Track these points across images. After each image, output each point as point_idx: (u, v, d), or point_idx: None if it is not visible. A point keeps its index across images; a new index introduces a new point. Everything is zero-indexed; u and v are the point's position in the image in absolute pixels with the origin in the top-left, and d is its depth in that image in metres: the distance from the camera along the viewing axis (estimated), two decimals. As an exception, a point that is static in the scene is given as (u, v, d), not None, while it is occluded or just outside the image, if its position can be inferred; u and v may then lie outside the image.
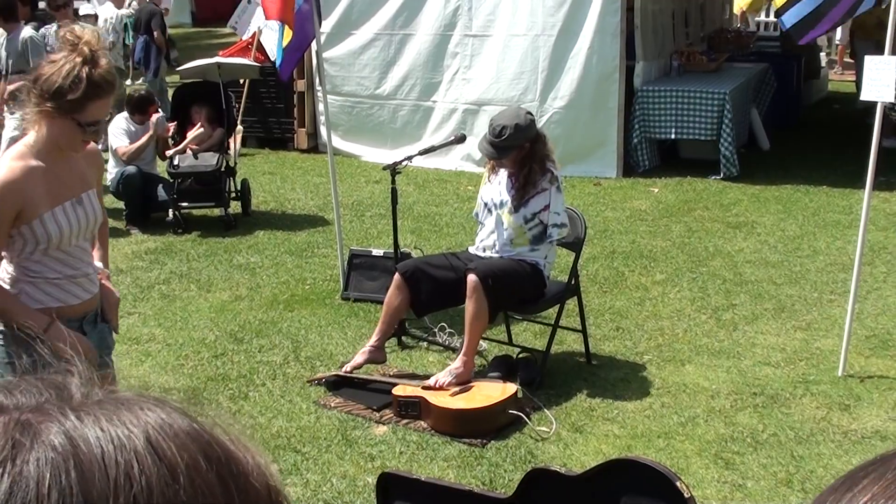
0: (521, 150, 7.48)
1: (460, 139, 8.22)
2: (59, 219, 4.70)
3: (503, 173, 7.67)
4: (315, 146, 15.54)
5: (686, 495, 4.20)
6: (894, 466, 0.77)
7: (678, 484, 4.22)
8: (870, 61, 7.24)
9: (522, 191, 7.49)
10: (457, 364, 7.31)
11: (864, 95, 7.33)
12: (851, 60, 19.88)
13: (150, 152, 12.16)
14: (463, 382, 7.18)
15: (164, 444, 0.82)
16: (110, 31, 17.64)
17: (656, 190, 13.13)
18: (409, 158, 8.14)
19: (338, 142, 14.33)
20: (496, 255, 7.56)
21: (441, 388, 7.12)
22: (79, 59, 4.51)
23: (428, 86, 14.52)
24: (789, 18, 7.74)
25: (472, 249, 7.85)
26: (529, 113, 7.83)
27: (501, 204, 7.59)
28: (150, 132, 11.92)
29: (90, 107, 4.56)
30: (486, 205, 7.74)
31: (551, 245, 7.62)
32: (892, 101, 7.33)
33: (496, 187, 7.68)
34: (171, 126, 12.26)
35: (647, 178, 13.63)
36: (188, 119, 12.26)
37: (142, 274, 10.19)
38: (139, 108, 12.01)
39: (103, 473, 0.79)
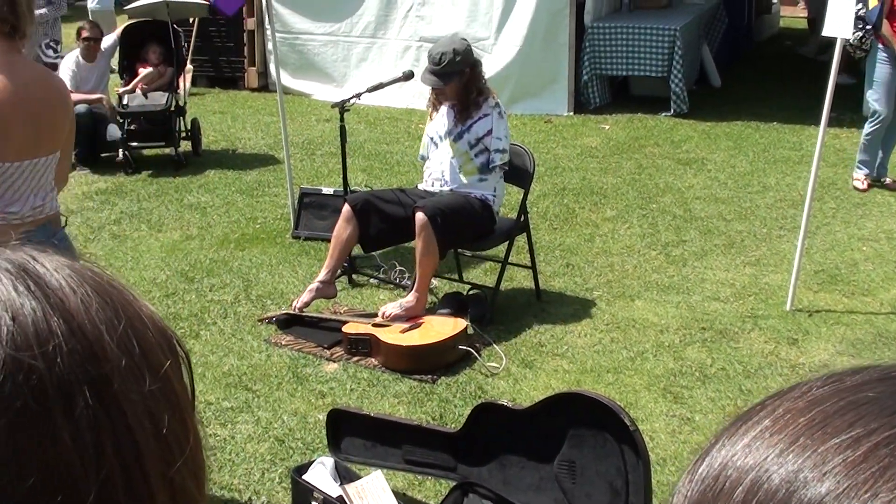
0: (461, 75, 7.49)
1: (408, 76, 8.18)
2: None
3: (446, 106, 7.68)
4: (265, 85, 15.44)
5: (631, 428, 4.25)
6: (788, 399, 0.78)
7: (623, 417, 4.26)
8: None
9: (465, 114, 7.51)
10: (409, 298, 7.34)
11: (827, 31, 7.31)
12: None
13: (101, 84, 12.12)
14: (414, 317, 7.21)
15: (79, 272, 0.93)
16: None
17: (607, 127, 13.14)
18: (358, 96, 8.10)
19: (288, 80, 14.24)
20: (446, 189, 7.57)
21: (390, 321, 7.15)
22: None
23: (381, 23, 14.43)
24: None
25: (421, 186, 7.84)
26: (465, 39, 7.83)
27: (447, 134, 7.61)
28: (98, 95, 11.89)
29: None
30: (431, 139, 7.74)
31: (499, 176, 7.63)
32: (850, 37, 7.31)
33: (440, 120, 7.70)
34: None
35: (598, 115, 13.64)
36: (138, 58, 12.17)
37: (92, 214, 10.12)
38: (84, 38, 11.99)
39: (50, 282, 0.91)
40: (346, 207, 7.59)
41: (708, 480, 0.76)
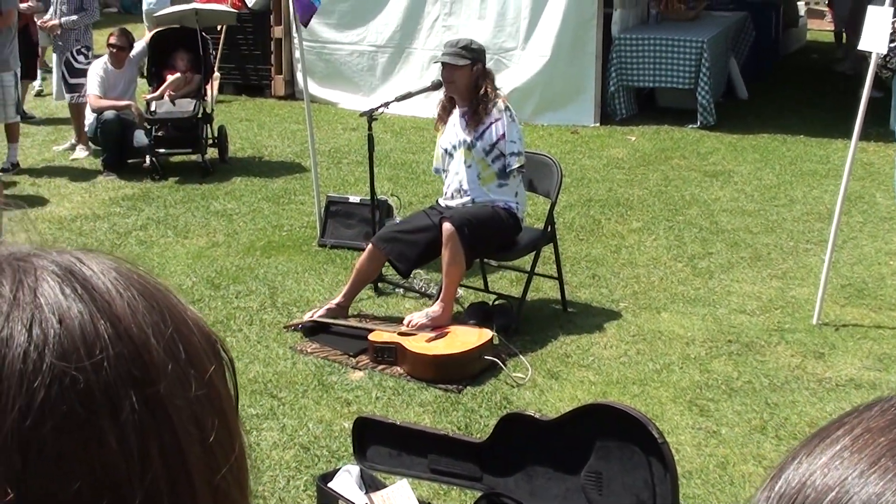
0: (474, 66, 7.53)
1: (437, 85, 8.20)
2: None
3: (455, 116, 7.72)
4: (292, 93, 15.47)
5: (659, 440, 4.23)
6: (867, 418, 0.77)
7: (651, 429, 4.25)
8: (872, 11, 7.18)
9: (476, 119, 7.53)
10: (435, 308, 7.35)
11: (862, 45, 7.28)
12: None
13: (129, 91, 12.20)
14: (439, 326, 7.21)
15: (126, 276, 0.93)
16: None
17: (633, 138, 13.12)
18: (386, 105, 8.13)
19: (315, 89, 14.25)
20: (468, 199, 7.59)
21: (416, 330, 7.16)
22: None
23: (408, 32, 14.43)
24: None
25: (441, 201, 7.86)
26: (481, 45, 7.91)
27: (460, 143, 7.63)
28: (126, 102, 11.98)
29: None
30: (445, 150, 7.77)
31: (518, 181, 7.64)
32: (884, 52, 7.28)
33: (451, 131, 7.73)
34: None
35: (625, 127, 13.62)
36: (166, 65, 12.22)
37: (119, 220, 10.16)
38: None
39: (97, 285, 0.90)
40: (371, 246, 7.63)
41: (786, 499, 0.76)
